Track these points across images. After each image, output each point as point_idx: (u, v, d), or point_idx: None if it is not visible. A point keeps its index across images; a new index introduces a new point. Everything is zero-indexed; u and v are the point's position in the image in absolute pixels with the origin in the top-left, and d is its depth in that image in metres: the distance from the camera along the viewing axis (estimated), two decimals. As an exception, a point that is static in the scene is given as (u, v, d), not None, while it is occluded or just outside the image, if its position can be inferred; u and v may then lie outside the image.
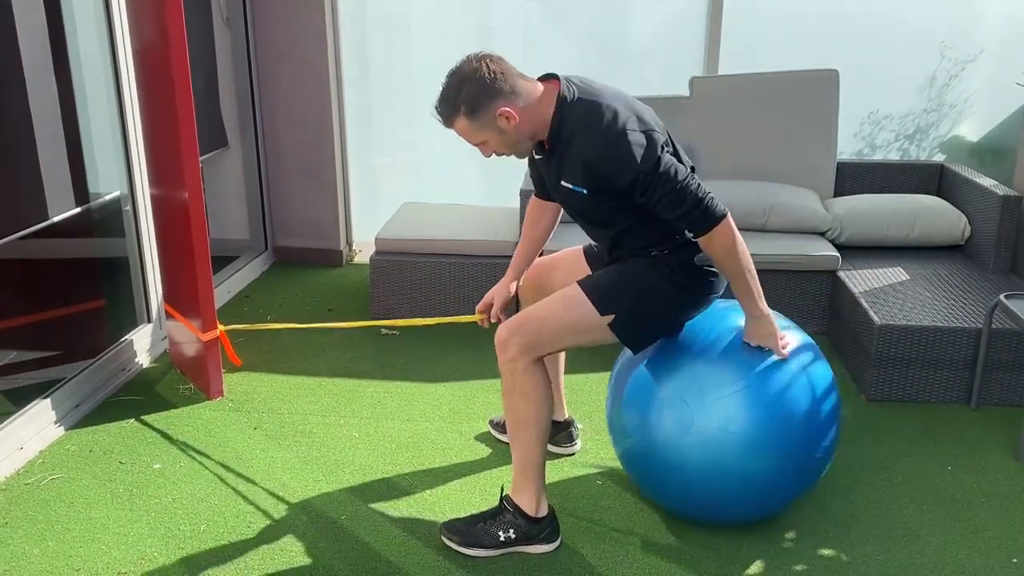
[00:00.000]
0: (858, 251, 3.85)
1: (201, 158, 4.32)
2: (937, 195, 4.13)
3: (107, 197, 3.37)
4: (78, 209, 3.21)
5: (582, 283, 2.27)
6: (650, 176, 2.06)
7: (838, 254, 3.67)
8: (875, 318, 3.12)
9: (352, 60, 4.64)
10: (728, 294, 2.28)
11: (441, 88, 2.13)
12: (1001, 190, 3.64)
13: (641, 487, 2.52)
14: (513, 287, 2.62)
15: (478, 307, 2.65)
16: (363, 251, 4.88)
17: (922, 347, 3.09)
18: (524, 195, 3.79)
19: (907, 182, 4.19)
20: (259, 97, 4.56)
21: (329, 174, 4.63)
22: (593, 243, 2.52)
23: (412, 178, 4.90)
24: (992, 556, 2.33)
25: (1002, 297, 2.92)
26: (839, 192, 4.19)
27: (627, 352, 2.42)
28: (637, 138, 2.06)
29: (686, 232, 2.14)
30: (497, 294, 2.62)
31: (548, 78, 2.20)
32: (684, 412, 2.21)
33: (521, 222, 3.81)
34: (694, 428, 2.20)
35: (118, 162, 3.37)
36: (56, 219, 3.08)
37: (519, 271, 2.62)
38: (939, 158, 4.50)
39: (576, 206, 2.26)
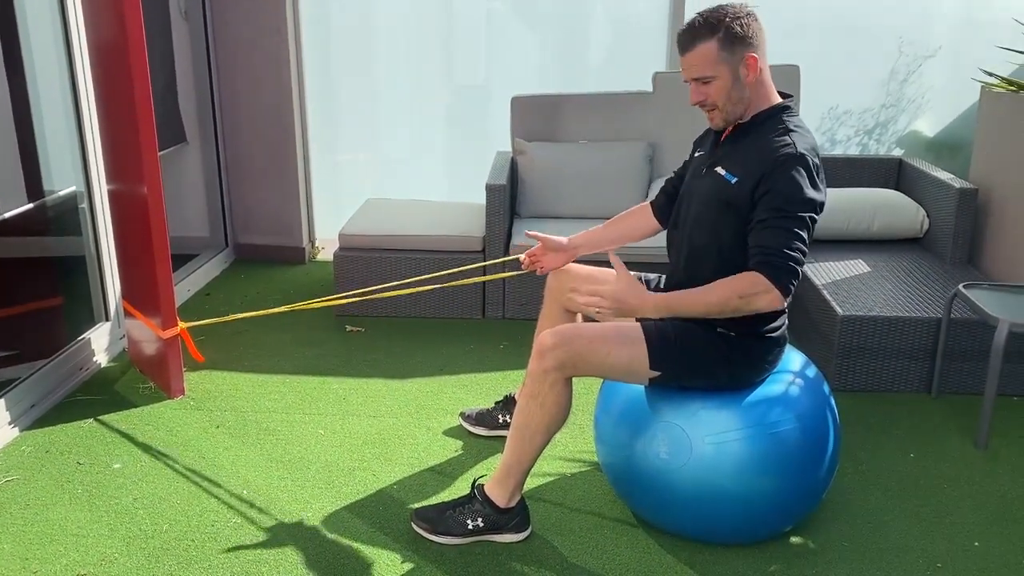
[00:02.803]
0: (820, 244, 3.89)
1: (159, 154, 4.25)
2: (896, 189, 4.19)
3: (62, 193, 3.29)
4: (31, 205, 3.13)
5: (645, 328, 2.20)
6: (792, 203, 2.02)
7: (801, 247, 3.71)
8: (838, 309, 3.16)
9: (314, 54, 4.59)
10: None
11: (697, 15, 2.09)
12: (958, 183, 3.70)
13: (627, 502, 2.45)
14: (567, 260, 2.56)
15: (529, 252, 2.62)
16: (326, 248, 4.83)
17: (884, 337, 3.14)
18: (490, 190, 3.77)
19: (867, 176, 4.24)
20: (219, 92, 4.49)
21: (291, 170, 4.57)
22: (646, 277, 2.49)
23: (375, 175, 4.86)
24: (955, 540, 2.36)
25: (960, 287, 2.97)
26: (801, 186, 4.23)
27: None
28: (816, 178, 2.05)
29: (751, 261, 2.06)
30: (550, 250, 2.55)
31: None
32: (683, 441, 2.17)
33: (486, 217, 3.80)
34: (692, 459, 2.16)
35: (74, 157, 3.29)
36: (7, 215, 3.00)
37: (585, 251, 2.55)
38: (897, 153, 4.57)
39: (704, 198, 2.19)
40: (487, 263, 3.34)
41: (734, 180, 2.11)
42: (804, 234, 2.04)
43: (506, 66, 4.67)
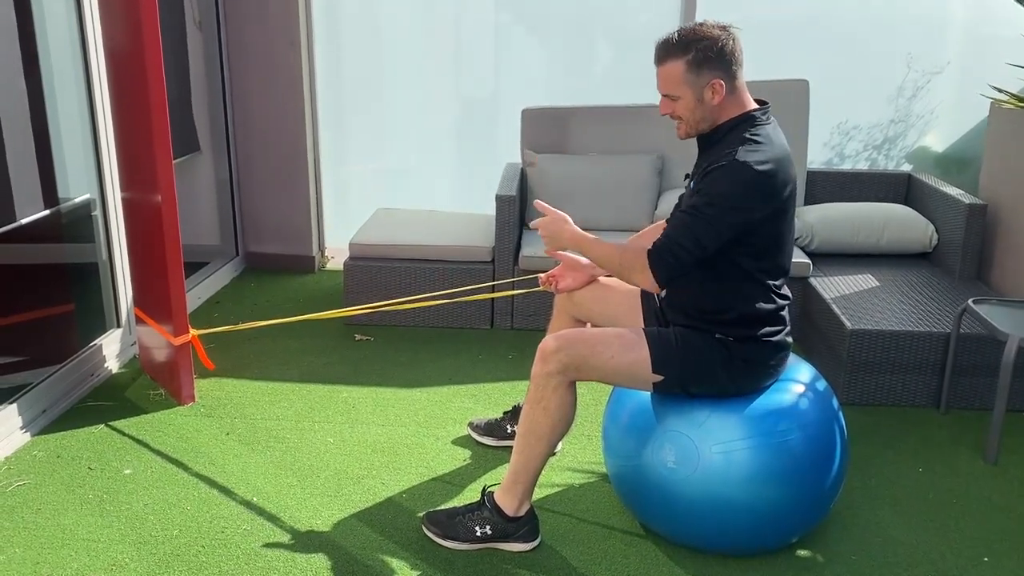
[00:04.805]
0: (829, 258, 3.90)
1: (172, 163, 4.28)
2: (905, 204, 4.20)
3: (77, 200, 3.32)
4: (47, 212, 3.16)
5: (648, 333, 2.23)
6: (708, 203, 2.05)
7: (809, 261, 3.72)
8: (847, 323, 3.16)
9: (325, 65, 4.63)
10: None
11: (676, 30, 2.13)
12: (967, 199, 3.71)
13: (634, 512, 2.45)
14: (586, 281, 2.58)
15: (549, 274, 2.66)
16: (335, 257, 4.85)
17: (892, 351, 3.14)
18: (499, 201, 3.79)
19: (876, 191, 4.26)
20: (231, 101, 4.52)
21: (301, 179, 4.60)
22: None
23: (385, 185, 4.88)
24: (964, 555, 2.36)
25: (970, 302, 2.97)
26: (810, 201, 4.25)
27: None
28: (747, 187, 2.04)
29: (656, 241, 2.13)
30: (569, 270, 2.59)
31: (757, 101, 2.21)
32: (691, 451, 2.18)
33: (496, 228, 3.82)
34: (699, 468, 2.17)
35: (88, 165, 3.32)
36: (24, 221, 3.03)
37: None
38: (906, 168, 4.58)
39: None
40: (499, 282, 3.35)
41: (692, 185, 2.17)
42: (706, 235, 2.05)
43: (516, 78, 4.70)
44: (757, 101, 2.19)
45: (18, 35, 2.99)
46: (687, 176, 2.30)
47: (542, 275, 2.66)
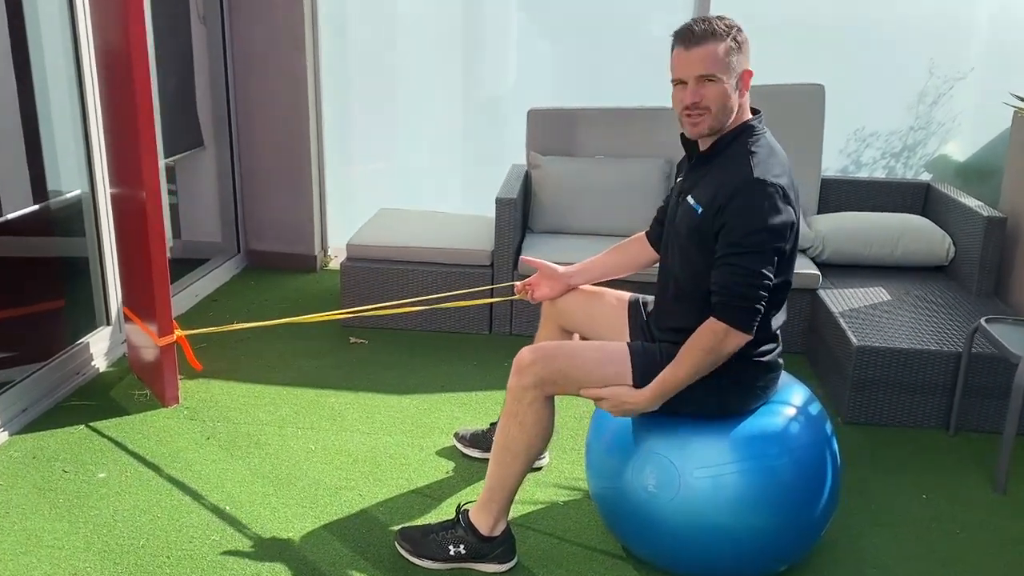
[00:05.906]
0: (840, 269, 3.77)
1: (175, 158, 4.24)
2: (922, 215, 4.05)
3: (68, 195, 3.28)
4: (36, 206, 3.12)
5: (632, 347, 2.14)
6: (747, 236, 1.95)
7: (819, 272, 3.59)
8: (853, 339, 3.04)
9: (331, 62, 4.56)
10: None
11: (703, 18, 2.02)
12: (987, 211, 3.56)
13: (616, 534, 2.35)
14: (562, 291, 2.49)
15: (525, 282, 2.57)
16: (338, 257, 4.78)
17: (900, 370, 3.00)
18: (500, 204, 3.69)
19: (892, 201, 4.11)
20: (235, 97, 4.47)
21: (305, 177, 4.54)
22: (644, 299, 2.41)
23: (392, 184, 4.80)
24: (964, 590, 2.23)
25: (982, 321, 2.83)
26: (823, 209, 4.12)
27: None
28: (775, 204, 1.95)
29: (712, 300, 2.00)
30: (545, 279, 2.50)
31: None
32: (672, 474, 2.07)
33: (495, 231, 3.73)
34: (680, 492, 2.06)
35: (79, 160, 3.27)
36: (11, 216, 2.99)
37: (580, 280, 2.49)
38: (925, 177, 4.42)
39: (680, 228, 2.12)
40: (493, 287, 3.28)
41: (700, 210, 2.04)
42: (762, 267, 1.95)
43: (527, 79, 4.60)
44: (751, 109, 2.09)
45: (9, 30, 2.94)
46: (679, 189, 2.18)
47: (518, 283, 2.57)
